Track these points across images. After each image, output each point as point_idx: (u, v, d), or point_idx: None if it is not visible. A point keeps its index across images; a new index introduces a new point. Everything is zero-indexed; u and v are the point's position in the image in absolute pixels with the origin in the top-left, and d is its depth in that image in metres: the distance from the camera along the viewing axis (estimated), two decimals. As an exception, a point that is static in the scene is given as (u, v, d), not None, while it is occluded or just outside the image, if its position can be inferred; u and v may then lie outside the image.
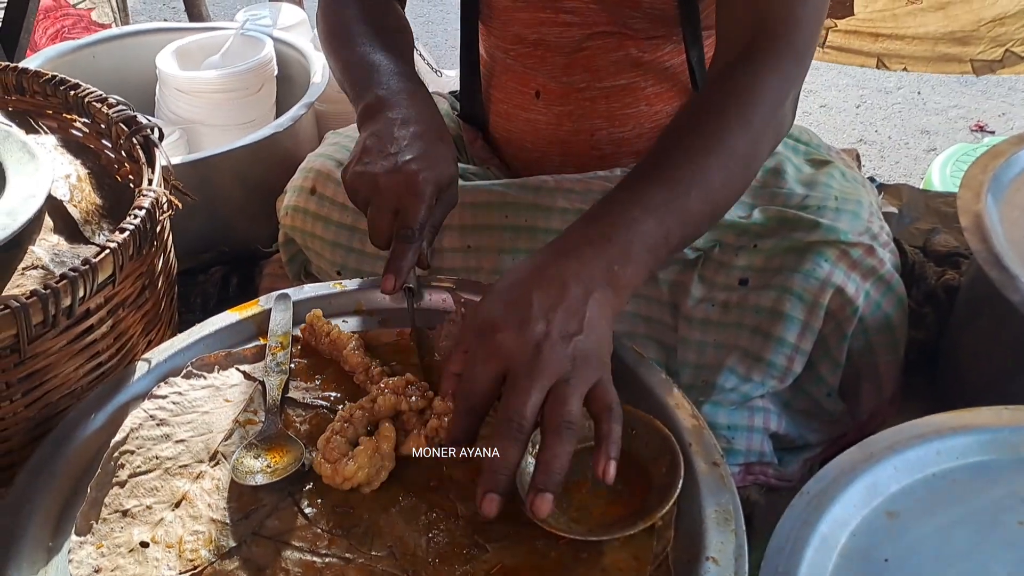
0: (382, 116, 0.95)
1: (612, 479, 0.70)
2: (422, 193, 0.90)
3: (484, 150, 1.26)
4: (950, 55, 1.84)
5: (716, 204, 0.86)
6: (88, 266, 0.83)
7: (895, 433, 0.83)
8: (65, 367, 0.86)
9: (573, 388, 0.72)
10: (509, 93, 1.18)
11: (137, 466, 0.78)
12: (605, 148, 1.16)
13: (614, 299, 0.78)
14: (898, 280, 1.05)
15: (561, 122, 1.16)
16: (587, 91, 1.13)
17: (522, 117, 1.18)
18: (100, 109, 1.08)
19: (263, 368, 0.87)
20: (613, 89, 1.12)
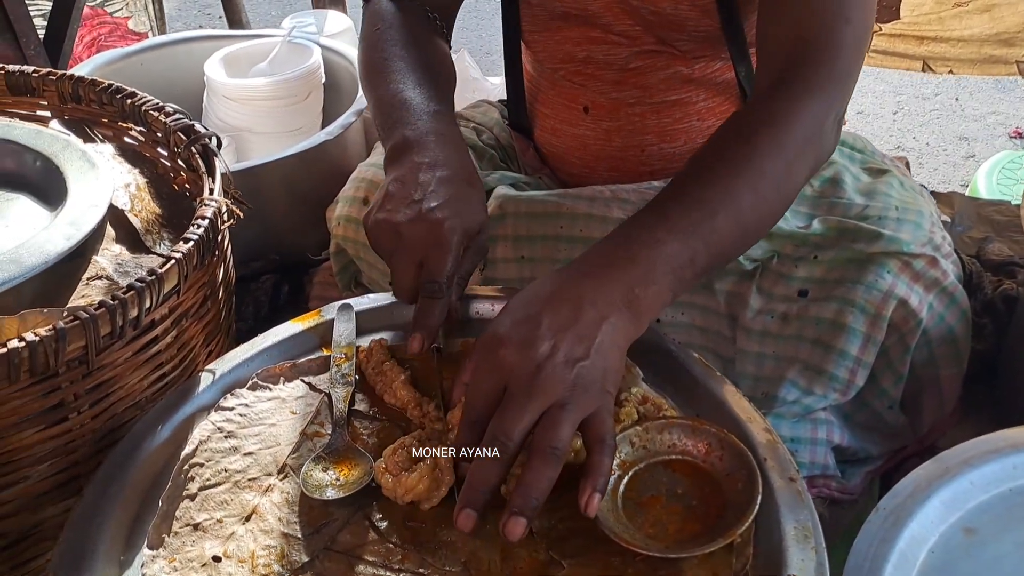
0: (408, 159, 0.91)
1: (593, 513, 0.69)
2: (448, 243, 0.85)
3: (535, 159, 1.25)
4: (996, 57, 1.82)
5: (745, 227, 0.83)
6: (154, 276, 0.83)
7: (970, 447, 0.81)
8: (130, 378, 0.86)
9: (567, 413, 0.70)
10: (556, 108, 1.18)
11: (207, 479, 0.77)
12: (655, 163, 1.15)
13: (632, 324, 0.76)
14: (962, 292, 1.03)
15: (611, 138, 1.15)
16: (637, 106, 1.12)
17: (570, 133, 1.18)
18: (157, 118, 1.09)
19: (328, 380, 0.86)
20: (663, 104, 1.12)
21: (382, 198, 0.89)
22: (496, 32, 3.66)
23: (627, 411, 0.79)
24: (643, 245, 0.78)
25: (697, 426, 0.77)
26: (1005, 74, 1.78)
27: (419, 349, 0.84)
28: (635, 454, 0.77)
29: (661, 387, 0.84)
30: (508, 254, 1.09)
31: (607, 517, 0.72)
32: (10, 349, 0.74)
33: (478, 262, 0.92)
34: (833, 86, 0.87)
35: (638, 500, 0.75)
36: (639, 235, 0.79)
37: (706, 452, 0.76)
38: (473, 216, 0.88)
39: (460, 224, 0.86)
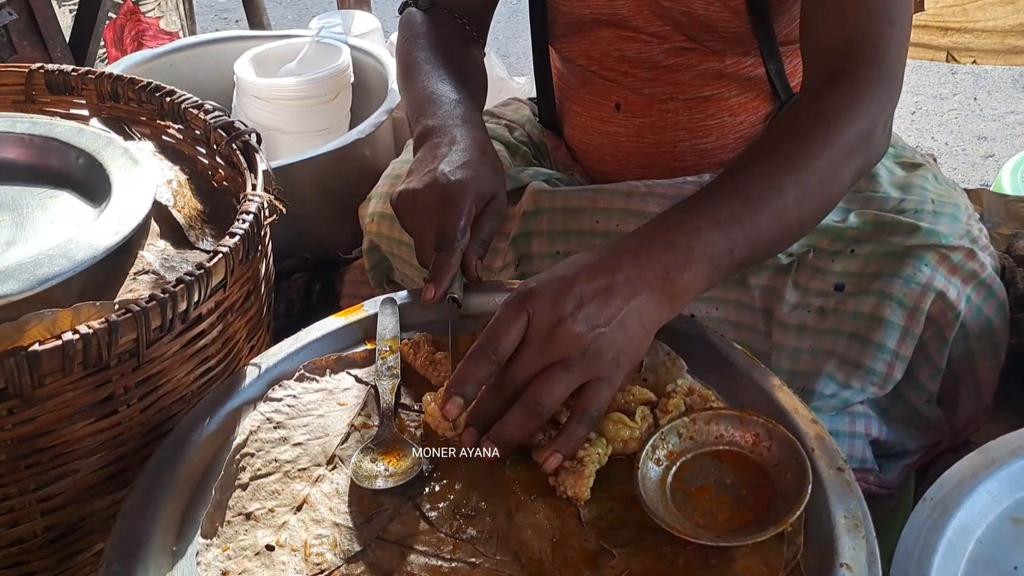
0: (429, 142, 0.98)
1: (551, 469, 0.74)
2: (458, 200, 0.90)
3: (567, 156, 1.26)
4: (1019, 47, 1.83)
5: (788, 223, 0.85)
6: (203, 270, 0.84)
7: (1015, 439, 0.82)
8: (177, 372, 0.87)
9: (567, 374, 0.74)
10: (587, 106, 1.19)
11: (258, 469, 0.78)
12: (687, 159, 1.16)
13: (664, 306, 0.78)
14: (999, 284, 1.03)
15: (642, 134, 1.16)
16: (669, 102, 1.13)
17: (601, 130, 1.18)
18: (196, 115, 1.10)
19: (374, 372, 0.87)
20: (696, 100, 1.12)
21: (405, 176, 0.97)
22: (515, 35, 3.67)
23: (675, 402, 0.79)
24: (683, 231, 0.80)
25: (745, 417, 0.77)
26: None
27: (431, 298, 0.88)
28: (683, 445, 0.78)
29: (705, 379, 0.85)
30: (544, 249, 1.09)
31: (657, 507, 0.72)
32: (65, 341, 0.75)
33: (497, 225, 0.96)
34: (883, 87, 0.88)
35: (687, 490, 0.75)
36: (681, 220, 0.81)
37: (754, 442, 0.77)
38: (486, 179, 0.94)
39: (472, 184, 0.91)
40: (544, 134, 1.28)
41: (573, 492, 0.74)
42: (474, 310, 0.94)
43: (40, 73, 1.18)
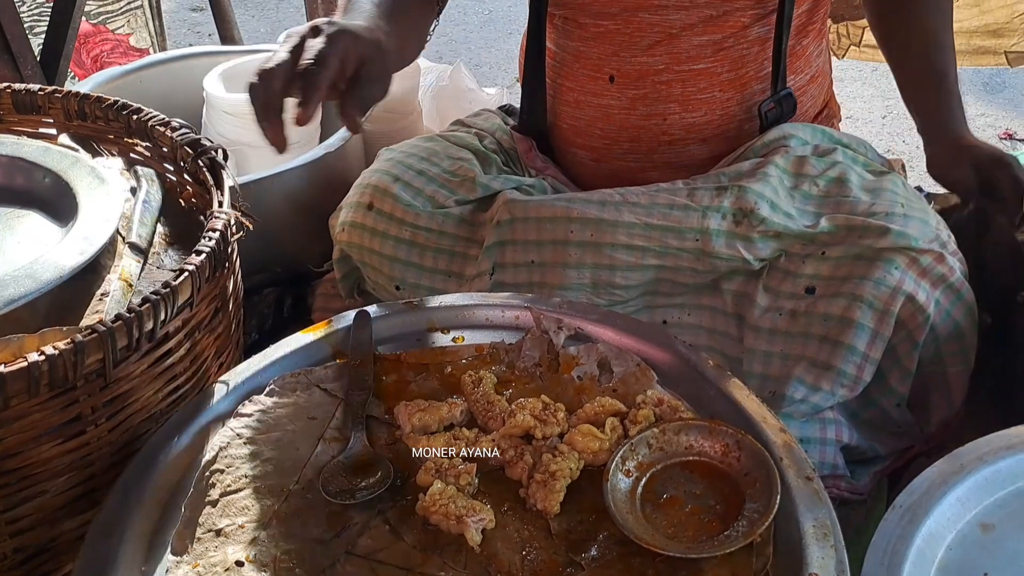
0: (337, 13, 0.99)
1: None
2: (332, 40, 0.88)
3: (539, 160, 1.27)
4: (984, 47, 1.85)
5: None
6: (169, 289, 0.83)
7: (984, 444, 0.82)
8: (145, 391, 0.86)
9: None
10: (581, 80, 1.21)
11: (228, 485, 0.78)
12: (675, 133, 1.18)
13: None
14: (968, 288, 1.04)
15: (635, 106, 1.18)
16: (664, 74, 1.15)
17: (594, 104, 1.20)
18: (163, 133, 1.09)
19: (345, 386, 0.87)
20: (690, 73, 1.15)
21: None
22: (488, 44, 3.68)
23: (644, 413, 0.80)
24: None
25: (714, 427, 0.78)
26: (994, 64, 1.83)
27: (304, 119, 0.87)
28: (652, 456, 0.78)
29: (675, 389, 0.85)
30: (518, 258, 1.10)
31: (627, 518, 0.73)
32: (30, 363, 0.74)
33: (373, 85, 0.93)
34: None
35: (656, 502, 0.75)
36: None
37: (723, 453, 0.77)
38: (366, 40, 0.92)
39: (349, 35, 0.90)
40: (514, 139, 1.28)
41: (543, 505, 0.74)
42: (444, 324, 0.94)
43: (7, 93, 1.17)
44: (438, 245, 1.15)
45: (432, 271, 1.15)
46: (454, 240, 1.15)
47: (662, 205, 1.06)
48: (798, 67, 1.19)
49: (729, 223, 1.04)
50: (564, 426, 0.80)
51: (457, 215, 1.15)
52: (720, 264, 1.05)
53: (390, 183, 1.19)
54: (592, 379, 0.86)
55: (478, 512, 0.73)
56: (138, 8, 2.35)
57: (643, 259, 1.06)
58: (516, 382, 0.87)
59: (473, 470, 0.77)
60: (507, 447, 0.79)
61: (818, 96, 1.26)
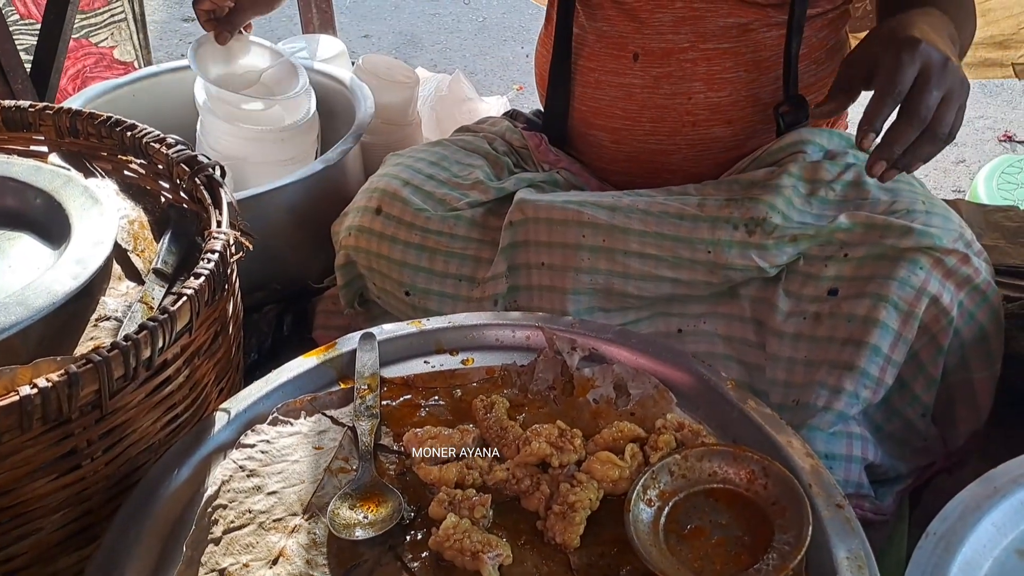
0: None
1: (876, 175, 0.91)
2: None
3: (551, 153, 1.25)
4: (991, 60, 1.81)
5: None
6: (167, 315, 0.80)
7: (1016, 466, 0.79)
8: (143, 421, 0.83)
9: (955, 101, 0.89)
10: (603, 60, 1.18)
11: (231, 521, 0.74)
12: (700, 113, 1.16)
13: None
14: (994, 289, 1.01)
15: (659, 85, 1.16)
16: (689, 51, 1.13)
17: (615, 83, 1.18)
18: (158, 150, 1.06)
19: (352, 412, 0.83)
20: (715, 52, 1.13)
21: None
22: (482, 52, 3.65)
23: (665, 439, 0.76)
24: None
25: (739, 453, 0.74)
26: (1001, 76, 1.78)
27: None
28: (675, 483, 0.75)
29: (695, 411, 0.82)
30: (531, 259, 1.08)
31: (650, 551, 0.69)
32: (23, 396, 0.70)
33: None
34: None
35: (681, 533, 0.72)
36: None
37: (749, 480, 0.74)
38: None
39: None
40: (525, 136, 1.26)
41: (562, 539, 0.71)
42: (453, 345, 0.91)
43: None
44: (449, 249, 1.12)
45: (443, 275, 1.12)
46: (466, 243, 1.12)
47: (672, 215, 1.03)
48: (819, 58, 1.17)
49: (742, 234, 1.01)
50: (581, 453, 0.77)
51: (469, 218, 1.13)
52: (735, 275, 1.03)
53: (400, 187, 1.16)
54: (608, 402, 0.83)
55: (495, 547, 0.69)
56: (122, 20, 2.31)
57: (657, 269, 1.03)
58: (529, 406, 0.83)
59: (488, 502, 0.74)
60: (522, 476, 0.76)
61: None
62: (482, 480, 0.76)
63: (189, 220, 1.05)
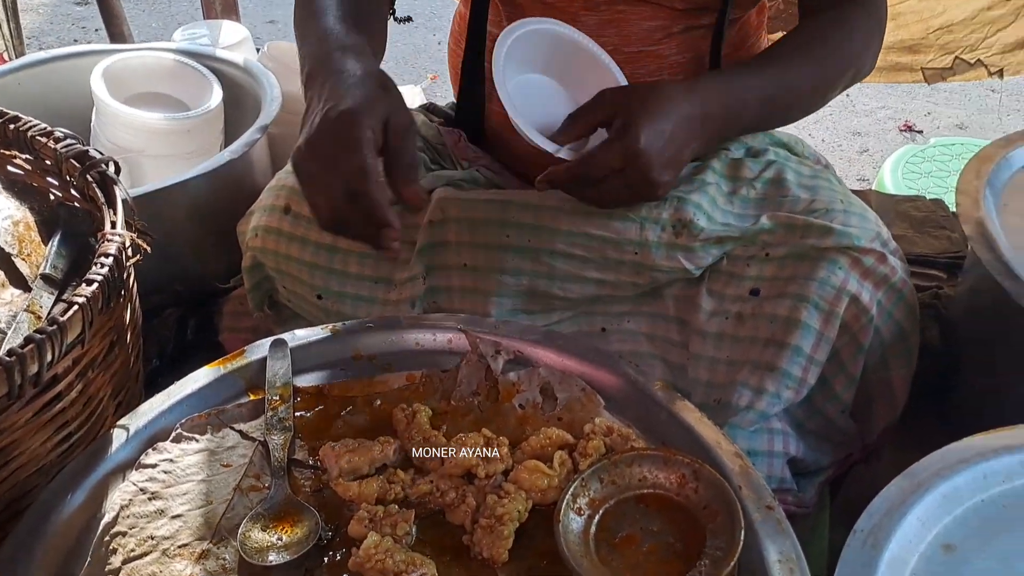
0: (314, 84, 0.89)
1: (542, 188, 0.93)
2: (354, 136, 0.81)
3: (470, 150, 1.19)
4: (901, 64, 1.84)
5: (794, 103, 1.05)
6: (56, 326, 0.74)
7: (938, 459, 0.79)
8: (32, 442, 0.77)
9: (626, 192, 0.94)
10: None
11: (131, 550, 0.69)
12: None
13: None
14: (910, 287, 1.02)
15: None
16: (613, 56, 1.08)
17: None
18: (46, 144, 0.98)
19: (263, 426, 0.78)
20: (639, 55, 1.10)
21: (301, 132, 0.86)
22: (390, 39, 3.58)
23: (594, 444, 0.74)
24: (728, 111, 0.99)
25: (669, 457, 0.72)
26: (911, 80, 1.80)
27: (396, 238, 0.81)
28: (605, 491, 0.72)
29: (623, 414, 0.80)
30: (450, 261, 1.03)
31: (581, 563, 0.67)
32: None
33: (409, 139, 0.86)
34: (876, 23, 1.07)
35: (612, 542, 0.70)
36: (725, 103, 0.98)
37: (680, 484, 0.72)
38: (377, 100, 0.84)
39: (361, 109, 0.82)
40: (442, 133, 1.20)
41: (490, 553, 0.68)
42: (370, 350, 0.87)
43: None
44: (363, 250, 1.06)
45: (358, 278, 1.07)
46: None
47: (600, 215, 1.00)
48: (742, 57, 1.16)
49: (669, 235, 1.00)
50: (508, 462, 0.74)
51: None
52: (661, 276, 1.01)
53: None
54: (535, 407, 0.80)
55: (419, 566, 0.66)
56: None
57: (583, 270, 1.00)
58: (452, 414, 0.80)
59: (411, 517, 0.70)
60: (447, 488, 0.72)
61: None
62: (404, 494, 0.72)
63: (81, 220, 0.98)
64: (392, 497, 0.72)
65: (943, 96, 3.23)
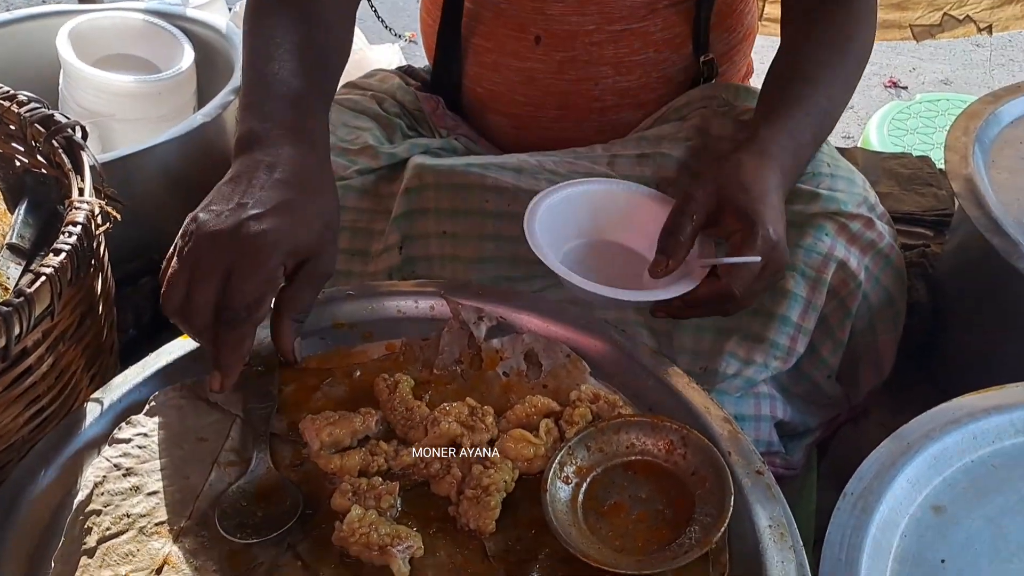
0: (249, 156, 0.77)
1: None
2: (260, 260, 0.70)
3: (447, 118, 1.16)
4: (889, 21, 1.81)
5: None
6: (23, 298, 0.71)
7: (928, 420, 0.79)
8: (2, 417, 0.75)
9: None
10: (500, 41, 1.09)
11: (106, 528, 0.67)
12: (608, 99, 1.10)
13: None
14: (897, 253, 1.01)
15: (564, 70, 1.08)
16: (596, 34, 1.06)
17: (515, 67, 1.09)
18: (9, 108, 0.95)
19: (240, 399, 0.76)
20: (624, 33, 1.06)
21: (208, 199, 0.75)
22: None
23: (580, 412, 0.73)
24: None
25: (656, 423, 0.71)
26: (900, 38, 1.77)
27: (220, 388, 0.73)
28: (592, 458, 0.71)
29: (610, 381, 0.78)
30: (430, 228, 1.00)
31: (569, 532, 0.66)
32: None
33: (318, 290, 0.77)
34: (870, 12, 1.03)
35: (600, 510, 0.68)
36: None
37: (668, 451, 0.71)
38: (306, 232, 0.73)
39: (284, 238, 0.71)
40: (420, 99, 1.17)
41: (476, 524, 0.66)
42: (351, 318, 0.85)
43: None
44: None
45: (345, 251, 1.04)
46: (357, 214, 1.04)
47: (581, 174, 0.98)
48: (730, 25, 1.13)
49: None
50: (494, 431, 0.72)
51: (359, 187, 1.04)
52: None
53: None
54: (520, 375, 0.78)
55: (404, 539, 0.64)
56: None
57: None
58: (435, 383, 0.78)
59: (395, 490, 0.68)
60: (431, 460, 0.71)
61: (748, 55, 1.20)
62: (388, 466, 0.71)
63: (48, 188, 0.94)
64: (375, 469, 0.70)
65: (928, 51, 3.21)
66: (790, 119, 0.93)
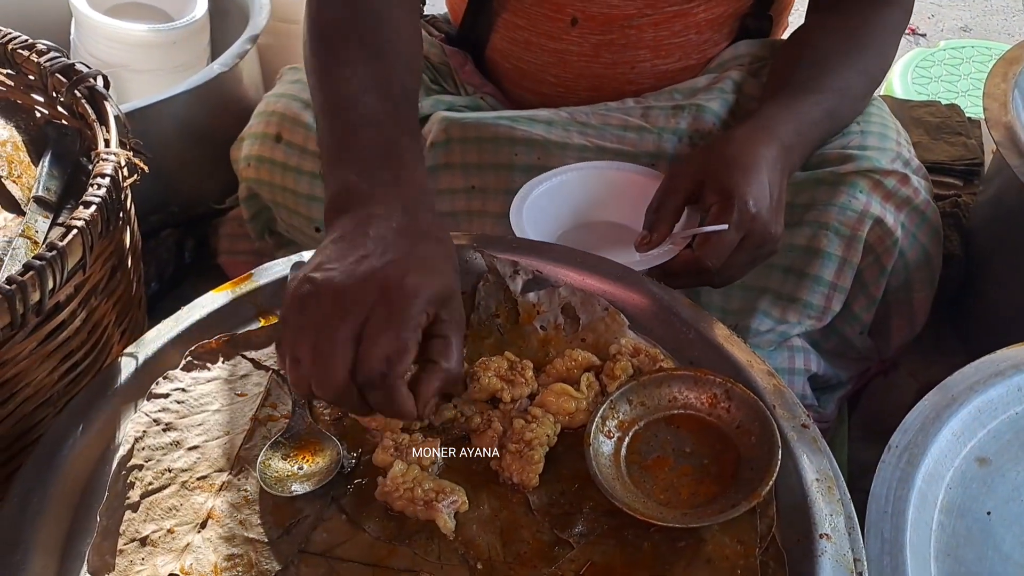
0: (354, 211, 0.69)
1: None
2: (404, 306, 0.62)
3: (475, 75, 1.13)
4: None
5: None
6: (56, 252, 0.70)
7: (972, 373, 0.78)
8: (37, 372, 0.74)
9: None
10: (534, 20, 1.04)
11: (149, 483, 0.67)
12: (644, 82, 1.05)
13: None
14: (933, 209, 0.99)
15: (599, 53, 1.04)
16: (636, 18, 1.01)
17: (548, 48, 1.05)
18: (28, 57, 0.93)
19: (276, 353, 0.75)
20: (665, 16, 1.01)
21: (316, 260, 0.66)
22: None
23: (622, 366, 0.72)
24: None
25: (699, 376, 0.70)
26: None
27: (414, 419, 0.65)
28: (634, 412, 0.70)
29: (649, 334, 0.77)
30: (456, 183, 0.98)
31: (613, 485, 0.65)
32: None
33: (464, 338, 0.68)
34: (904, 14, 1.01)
35: (643, 463, 0.68)
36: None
37: (711, 404, 0.70)
38: (440, 277, 0.65)
39: (424, 283, 0.63)
40: (447, 53, 1.14)
41: (520, 479, 0.66)
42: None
43: None
44: None
45: None
46: None
47: (615, 126, 0.96)
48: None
49: (686, 146, 0.95)
50: (533, 385, 0.71)
51: None
52: None
53: (300, 110, 1.04)
54: (557, 328, 0.77)
55: (449, 494, 0.64)
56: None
57: None
58: (473, 337, 0.77)
59: (437, 444, 0.68)
60: (472, 414, 0.70)
61: (789, 9, 1.17)
62: (428, 421, 0.70)
63: (71, 139, 0.93)
64: (416, 425, 0.70)
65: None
66: (796, 100, 0.92)
